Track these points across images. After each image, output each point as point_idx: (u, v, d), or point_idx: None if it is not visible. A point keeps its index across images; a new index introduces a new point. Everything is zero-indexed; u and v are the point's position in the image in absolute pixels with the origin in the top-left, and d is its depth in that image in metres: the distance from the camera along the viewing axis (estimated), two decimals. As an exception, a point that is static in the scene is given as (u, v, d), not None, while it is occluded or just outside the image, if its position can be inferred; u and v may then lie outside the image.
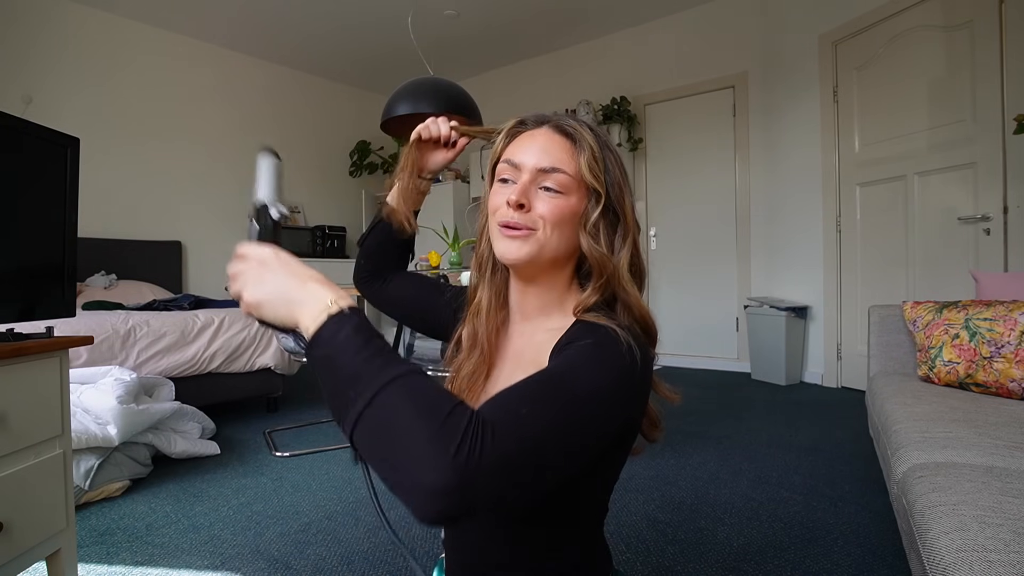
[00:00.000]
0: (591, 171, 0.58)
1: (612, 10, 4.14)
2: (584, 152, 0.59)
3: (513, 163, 0.60)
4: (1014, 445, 1.05)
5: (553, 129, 0.61)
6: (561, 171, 0.58)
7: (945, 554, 0.69)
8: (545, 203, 0.58)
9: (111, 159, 3.91)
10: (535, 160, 0.59)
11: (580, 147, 0.59)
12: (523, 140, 0.62)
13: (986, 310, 1.55)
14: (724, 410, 2.84)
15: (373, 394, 0.39)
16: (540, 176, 0.59)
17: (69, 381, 1.13)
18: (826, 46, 3.33)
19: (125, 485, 1.83)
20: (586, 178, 0.59)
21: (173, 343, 2.47)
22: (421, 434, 0.38)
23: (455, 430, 0.38)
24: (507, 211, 0.59)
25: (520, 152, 0.61)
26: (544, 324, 0.63)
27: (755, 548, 1.40)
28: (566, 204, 0.59)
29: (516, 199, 0.58)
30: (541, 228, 0.58)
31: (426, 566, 1.34)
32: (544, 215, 0.58)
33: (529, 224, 0.58)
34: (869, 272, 3.16)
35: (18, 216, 1.06)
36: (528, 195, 0.59)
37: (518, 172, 0.60)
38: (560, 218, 0.59)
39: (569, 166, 0.59)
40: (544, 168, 0.59)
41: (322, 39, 4.55)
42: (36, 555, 1.04)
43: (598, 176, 0.59)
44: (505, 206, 0.59)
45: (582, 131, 0.60)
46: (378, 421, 0.39)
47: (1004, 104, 2.45)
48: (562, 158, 0.59)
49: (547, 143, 0.60)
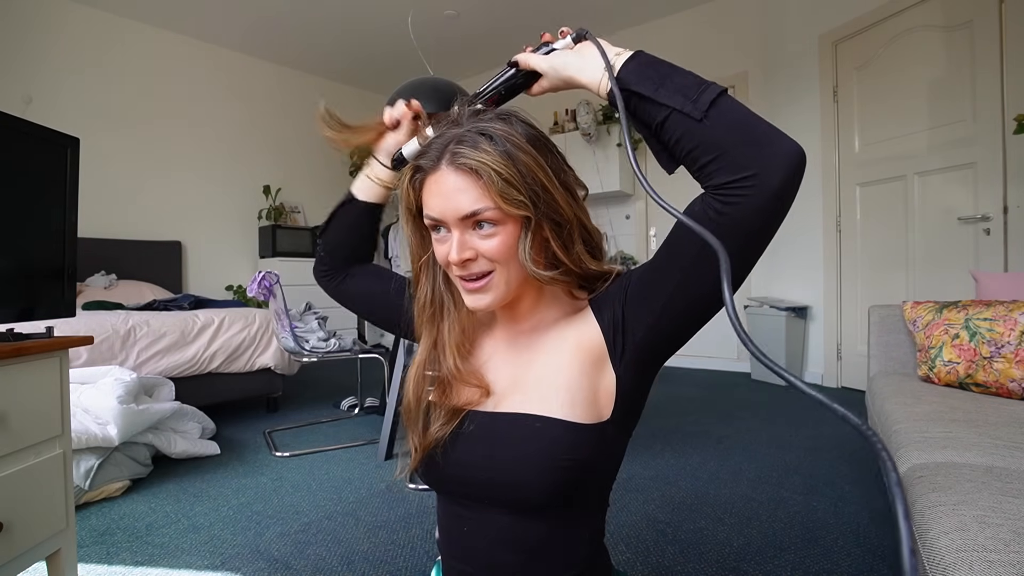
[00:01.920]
0: (506, 200, 0.54)
1: (612, 10, 4.14)
2: (493, 183, 0.54)
3: (434, 219, 0.58)
4: (1014, 445, 1.05)
5: (452, 168, 0.56)
6: (484, 209, 0.55)
7: (945, 554, 0.69)
8: (485, 244, 0.57)
9: (111, 159, 3.91)
10: (453, 210, 0.56)
11: (487, 179, 0.54)
12: (431, 187, 0.58)
13: (986, 310, 1.55)
14: (724, 410, 2.84)
15: (722, 90, 0.50)
16: (468, 221, 0.56)
17: (69, 381, 1.13)
18: (826, 46, 3.33)
19: (125, 485, 1.83)
20: (505, 209, 0.55)
21: (173, 343, 2.47)
22: (770, 125, 0.49)
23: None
24: (456, 269, 0.58)
25: (436, 205, 0.57)
26: (550, 315, 0.64)
27: (755, 548, 1.40)
28: (505, 236, 0.56)
29: (458, 258, 0.56)
30: (496, 268, 0.58)
31: (425, 567, 1.34)
32: (491, 257, 0.57)
33: (484, 269, 0.58)
34: (869, 272, 3.16)
35: (18, 216, 1.06)
36: (467, 246, 0.57)
37: (445, 224, 0.58)
38: (506, 253, 0.57)
39: (488, 200, 0.55)
40: (466, 215, 0.56)
41: (322, 39, 4.55)
42: (36, 555, 1.04)
43: (516, 199, 0.55)
44: (452, 265, 0.58)
45: (480, 158, 0.54)
46: (736, 105, 0.50)
47: (1004, 104, 2.45)
48: (477, 195, 0.55)
49: (455, 185, 0.56)
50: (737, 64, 3.88)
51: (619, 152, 4.16)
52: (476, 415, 0.62)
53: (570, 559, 0.61)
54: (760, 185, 0.46)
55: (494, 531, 0.61)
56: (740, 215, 0.48)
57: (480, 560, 0.62)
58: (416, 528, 1.54)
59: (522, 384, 0.61)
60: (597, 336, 0.60)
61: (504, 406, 0.61)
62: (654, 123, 0.53)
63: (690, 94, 0.50)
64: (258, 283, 2.45)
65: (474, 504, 0.62)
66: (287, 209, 4.89)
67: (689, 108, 0.49)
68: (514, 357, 0.64)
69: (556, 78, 0.62)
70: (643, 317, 0.57)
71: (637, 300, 0.57)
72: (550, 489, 0.57)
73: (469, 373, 0.63)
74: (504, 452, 0.58)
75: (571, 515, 0.61)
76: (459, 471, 0.61)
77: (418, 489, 1.82)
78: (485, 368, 0.65)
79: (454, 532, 0.65)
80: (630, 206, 4.42)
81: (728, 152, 0.48)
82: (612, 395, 0.59)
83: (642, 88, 0.53)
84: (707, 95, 0.49)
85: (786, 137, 0.48)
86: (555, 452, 0.56)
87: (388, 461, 2.12)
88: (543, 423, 0.57)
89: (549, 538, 0.60)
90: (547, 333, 0.63)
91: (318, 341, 2.59)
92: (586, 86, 0.59)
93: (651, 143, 0.56)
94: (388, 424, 2.16)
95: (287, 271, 3.94)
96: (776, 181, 0.46)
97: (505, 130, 0.56)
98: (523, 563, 0.60)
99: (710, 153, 0.49)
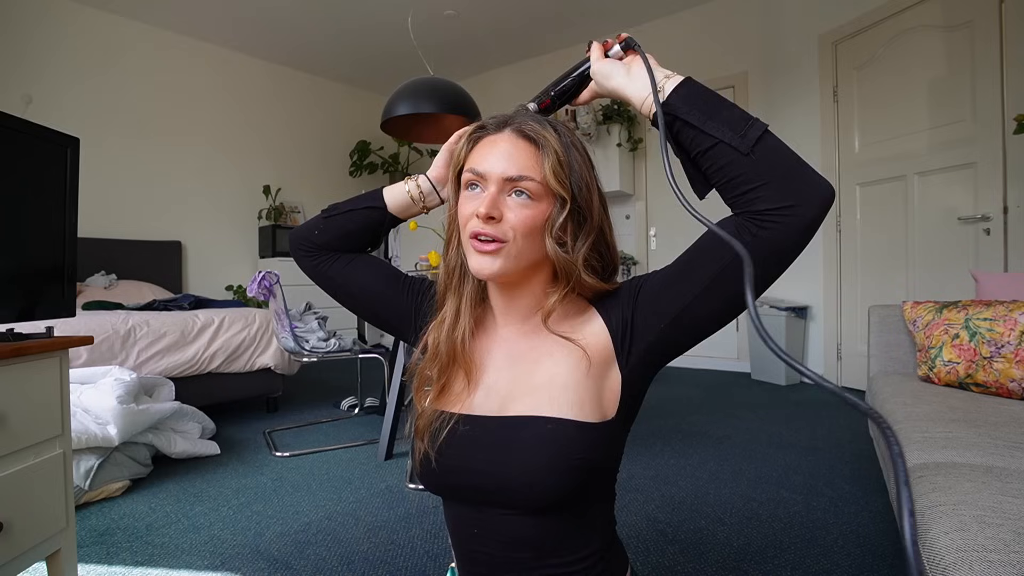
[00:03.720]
0: (556, 177, 0.58)
1: (612, 10, 4.14)
2: (548, 157, 0.58)
3: (478, 172, 0.59)
4: (1014, 445, 1.05)
5: (515, 134, 0.60)
6: (528, 178, 0.58)
7: (945, 554, 0.69)
8: (515, 212, 0.58)
9: (111, 159, 3.91)
10: (501, 169, 0.58)
11: (544, 152, 0.59)
12: (485, 147, 0.61)
13: (986, 310, 1.55)
14: (724, 410, 2.84)
15: (766, 127, 0.53)
16: (507, 185, 0.58)
17: (69, 381, 1.13)
18: (826, 46, 3.33)
19: (125, 485, 1.83)
20: (551, 185, 0.58)
21: (173, 343, 2.47)
22: (806, 163, 0.53)
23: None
24: (477, 223, 0.58)
25: (484, 160, 0.59)
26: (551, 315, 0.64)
27: (755, 548, 1.40)
28: (536, 212, 0.59)
29: (486, 211, 0.57)
30: (512, 239, 0.58)
31: (425, 567, 1.34)
32: (515, 226, 0.58)
33: (500, 236, 0.58)
34: (869, 272, 3.16)
35: (18, 216, 1.06)
36: (498, 206, 0.58)
37: (484, 181, 0.59)
38: (531, 228, 0.59)
39: (535, 172, 0.58)
40: (511, 177, 0.58)
41: (322, 39, 4.55)
42: (36, 555, 1.04)
43: (563, 181, 0.58)
44: (475, 218, 0.58)
45: (545, 133, 0.59)
46: (779, 142, 0.53)
47: (1004, 104, 2.45)
48: (527, 164, 0.58)
49: (510, 149, 0.59)
50: (737, 64, 3.88)
51: (619, 152, 4.16)
52: (481, 420, 0.62)
53: (583, 550, 0.61)
54: (798, 215, 0.51)
55: (506, 532, 0.61)
56: (775, 239, 0.52)
57: (494, 561, 0.62)
58: (416, 528, 1.54)
59: (527, 387, 0.61)
60: (604, 338, 0.61)
61: (511, 410, 0.61)
62: (697, 150, 0.56)
63: (738, 128, 0.53)
64: (258, 283, 2.45)
65: (483, 506, 0.62)
66: (287, 209, 4.89)
67: (737, 142, 0.53)
68: (515, 361, 0.64)
69: (604, 85, 0.64)
70: (655, 322, 0.59)
71: (650, 305, 0.59)
72: (563, 489, 0.57)
73: (469, 355, 0.64)
74: (515, 456, 0.58)
75: (582, 510, 0.61)
76: (468, 478, 0.61)
77: (418, 489, 1.82)
78: (484, 372, 0.65)
79: (464, 536, 0.65)
80: (630, 206, 4.42)
81: (771, 184, 0.52)
82: (617, 394, 0.61)
83: (692, 118, 0.55)
84: (754, 131, 0.53)
85: (821, 177, 0.53)
86: (568, 452, 0.57)
87: (388, 461, 2.12)
88: (554, 424, 0.58)
89: (561, 533, 0.60)
90: (550, 335, 0.63)
91: (318, 341, 2.59)
92: (630, 100, 0.61)
93: (687, 167, 0.59)
94: (388, 424, 2.16)
95: (287, 271, 3.91)
96: (812, 213, 0.51)
97: (567, 130, 0.62)
98: (537, 560, 0.60)
99: (753, 183, 0.52)
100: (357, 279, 0.73)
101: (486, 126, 0.62)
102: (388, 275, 0.74)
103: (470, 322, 0.65)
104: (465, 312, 0.65)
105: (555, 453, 0.57)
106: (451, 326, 0.65)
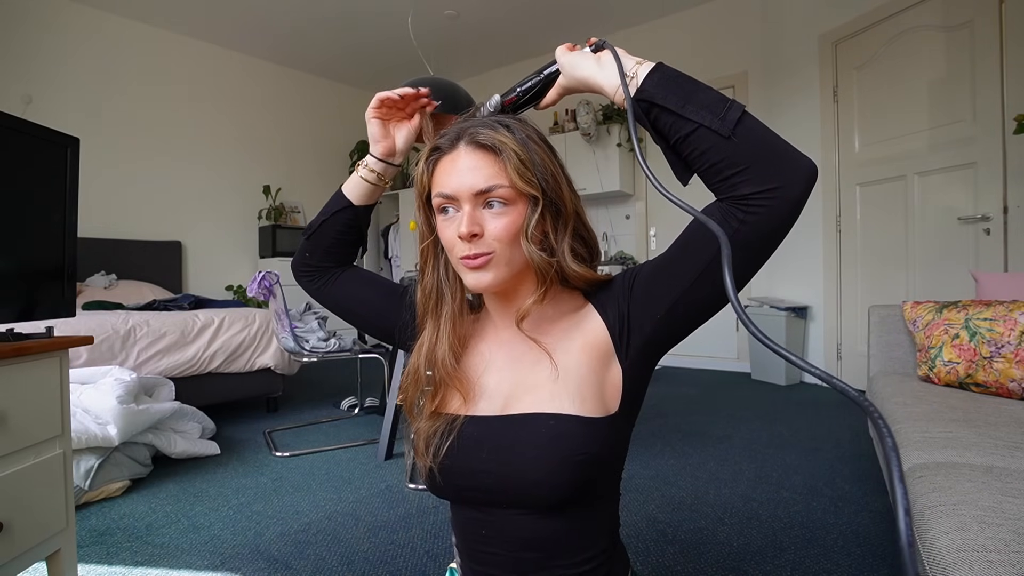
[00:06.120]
0: (522, 178, 0.57)
1: (612, 10, 4.15)
2: (510, 160, 0.57)
3: (447, 195, 0.59)
4: (1014, 445, 1.05)
5: (472, 146, 0.59)
6: (497, 186, 0.58)
7: (945, 554, 0.69)
8: (494, 223, 0.58)
9: (111, 159, 3.91)
10: (469, 184, 0.58)
11: (505, 156, 0.58)
12: (446, 167, 0.60)
13: (986, 310, 1.55)
14: (724, 410, 2.84)
15: (744, 107, 0.52)
16: (479, 198, 0.58)
17: (69, 381, 1.13)
18: (826, 46, 3.33)
19: (125, 485, 1.83)
20: (520, 187, 0.58)
21: (173, 343, 2.47)
22: (787, 142, 0.52)
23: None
24: (463, 245, 0.58)
25: (449, 181, 0.59)
26: (549, 314, 0.64)
27: (755, 548, 1.40)
28: (514, 217, 0.58)
29: (467, 230, 0.57)
30: (498, 249, 0.58)
31: (425, 567, 1.34)
32: (498, 236, 0.58)
33: (486, 249, 0.58)
34: (869, 272, 3.16)
35: (18, 216, 1.06)
36: (477, 221, 0.58)
37: (456, 202, 0.59)
38: (513, 234, 0.59)
39: (502, 178, 0.58)
40: (481, 190, 0.58)
41: (322, 39, 4.55)
42: (36, 555, 1.04)
43: (530, 180, 0.58)
44: (459, 241, 0.58)
45: (499, 137, 0.58)
46: (757, 122, 0.52)
47: (1004, 104, 2.45)
48: (492, 172, 0.58)
49: (472, 162, 0.58)
50: (737, 64, 3.88)
51: (619, 152, 4.16)
52: (485, 420, 0.62)
53: (589, 550, 0.61)
54: (782, 196, 0.50)
55: (513, 532, 0.61)
56: (761, 222, 0.51)
57: (501, 561, 0.62)
58: (416, 528, 1.54)
59: (529, 385, 0.62)
60: (602, 332, 0.62)
61: (513, 408, 0.61)
62: (676, 136, 0.55)
63: (717, 111, 0.52)
64: (258, 283, 2.45)
65: (491, 508, 0.62)
66: (287, 209, 4.90)
67: (717, 125, 0.51)
68: (516, 362, 0.64)
69: (573, 74, 0.63)
70: (650, 313, 0.59)
71: (644, 297, 0.60)
72: (568, 485, 0.57)
73: (458, 374, 0.64)
74: (519, 454, 0.58)
75: (587, 508, 0.61)
76: (474, 479, 0.61)
77: (418, 489, 1.82)
78: (484, 374, 0.65)
79: (471, 536, 0.64)
80: (630, 206, 4.42)
81: (753, 167, 0.51)
82: (619, 388, 0.61)
83: (668, 103, 0.54)
84: (733, 113, 0.52)
85: (802, 154, 0.52)
86: (571, 448, 0.57)
87: (388, 461, 2.12)
88: (556, 420, 0.58)
89: (568, 532, 0.60)
90: (549, 332, 0.63)
91: (318, 341, 2.59)
92: (602, 89, 0.60)
93: (667, 154, 0.58)
94: (388, 424, 2.16)
95: (287, 271, 3.92)
96: (797, 193, 0.51)
97: (520, 124, 0.61)
98: (544, 559, 0.60)
99: (736, 167, 0.51)
100: (358, 295, 0.75)
101: (440, 146, 0.61)
102: (388, 290, 0.75)
103: (451, 342, 0.64)
104: (444, 334, 0.65)
105: (557, 449, 0.57)
106: (430, 350, 0.65)
